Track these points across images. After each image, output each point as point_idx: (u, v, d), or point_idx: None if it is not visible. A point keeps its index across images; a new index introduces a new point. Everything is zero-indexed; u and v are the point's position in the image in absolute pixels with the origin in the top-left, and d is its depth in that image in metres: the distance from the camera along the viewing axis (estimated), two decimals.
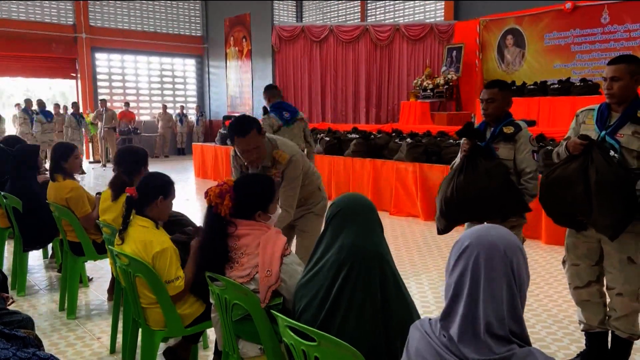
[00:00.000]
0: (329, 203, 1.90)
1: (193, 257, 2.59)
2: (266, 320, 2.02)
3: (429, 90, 10.59)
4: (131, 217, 2.63)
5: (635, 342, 3.26)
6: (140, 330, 2.77)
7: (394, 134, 8.07)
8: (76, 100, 14.23)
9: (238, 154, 3.00)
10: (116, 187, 3.39)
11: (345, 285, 1.66)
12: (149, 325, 2.62)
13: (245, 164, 3.01)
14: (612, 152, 2.58)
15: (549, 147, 5.70)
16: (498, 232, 1.20)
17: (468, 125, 3.06)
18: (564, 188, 2.64)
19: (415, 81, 11.13)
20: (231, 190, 2.20)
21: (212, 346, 3.24)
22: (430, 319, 1.29)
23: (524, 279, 1.18)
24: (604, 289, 2.85)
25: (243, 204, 2.20)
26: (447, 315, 1.21)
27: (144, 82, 16.72)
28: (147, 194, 2.62)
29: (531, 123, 3.21)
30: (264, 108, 5.27)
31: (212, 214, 2.20)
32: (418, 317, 1.67)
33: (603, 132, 2.64)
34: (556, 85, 8.67)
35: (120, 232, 2.64)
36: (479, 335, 1.13)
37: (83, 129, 12.83)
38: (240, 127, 2.82)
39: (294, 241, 3.47)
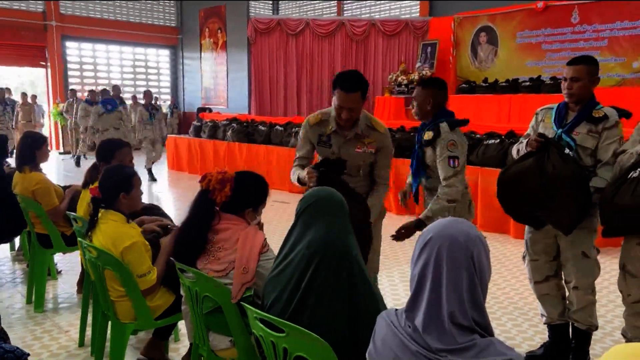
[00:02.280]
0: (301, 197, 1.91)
1: (164, 253, 2.59)
2: (236, 313, 2.03)
3: (403, 86, 10.67)
4: (99, 215, 2.60)
5: (597, 333, 3.38)
6: (109, 323, 2.75)
7: None
8: (45, 90, 13.85)
9: (335, 107, 2.68)
10: (86, 176, 3.36)
11: (314, 280, 1.68)
12: (118, 318, 2.60)
13: (328, 132, 2.76)
14: (567, 150, 2.65)
15: None
16: (459, 225, 1.24)
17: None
18: (520, 184, 2.70)
19: (390, 76, 11.19)
20: (232, 180, 2.20)
21: (183, 339, 3.24)
22: (396, 310, 1.33)
23: (485, 269, 1.22)
24: (562, 282, 2.95)
25: (240, 197, 2.20)
26: (411, 305, 1.24)
27: (116, 72, 16.42)
28: (108, 192, 2.59)
29: (462, 122, 2.96)
30: None
31: (206, 198, 2.18)
32: (385, 308, 1.69)
33: (560, 130, 2.72)
34: (527, 83, 8.83)
35: (88, 232, 2.60)
36: (442, 325, 1.17)
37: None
38: (349, 81, 2.61)
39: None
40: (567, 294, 2.93)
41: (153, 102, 9.99)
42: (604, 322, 3.57)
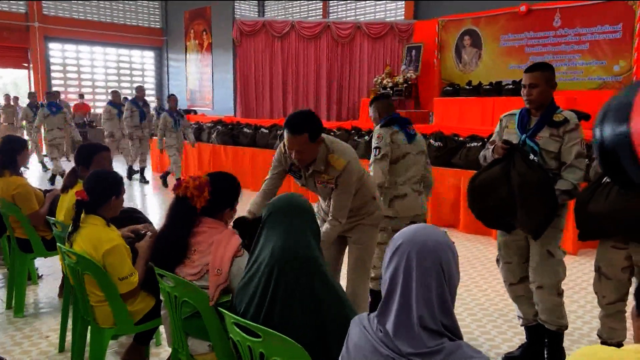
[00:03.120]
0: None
1: (143, 257, 2.58)
2: (215, 318, 2.03)
3: (388, 89, 10.73)
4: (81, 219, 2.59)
5: (575, 334, 3.43)
6: (89, 328, 2.74)
7: (353, 131, 8.15)
8: (33, 90, 13.67)
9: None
10: (65, 180, 3.33)
11: (277, 290, 1.69)
12: (97, 323, 2.59)
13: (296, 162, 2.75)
14: (532, 156, 2.71)
15: None
16: (429, 231, 1.27)
17: None
18: (489, 191, 2.75)
19: (375, 79, 11.25)
20: (209, 184, 2.19)
21: (165, 343, 3.23)
22: (368, 314, 1.35)
23: (454, 274, 1.24)
24: None
25: (217, 199, 2.21)
26: (383, 310, 1.26)
27: (101, 74, 16.30)
28: (99, 195, 2.58)
29: (391, 121, 3.53)
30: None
31: (185, 205, 2.16)
32: (353, 313, 1.70)
33: (524, 136, 2.78)
34: (510, 86, 8.93)
35: (70, 235, 2.58)
36: (412, 329, 1.19)
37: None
38: (294, 123, 2.55)
39: (346, 252, 3.12)
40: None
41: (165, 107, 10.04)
42: (582, 323, 3.63)
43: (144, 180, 9.70)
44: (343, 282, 2.91)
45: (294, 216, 1.78)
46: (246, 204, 2.91)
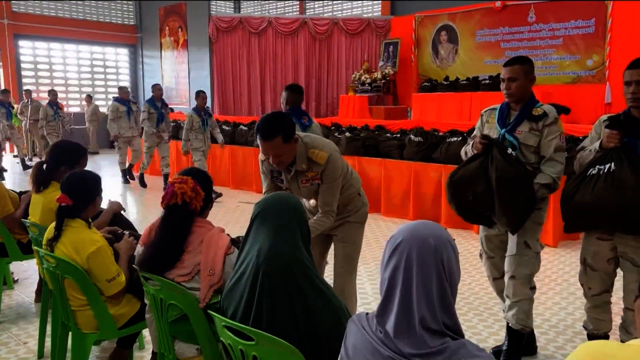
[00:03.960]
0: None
1: (125, 259, 2.52)
2: (203, 320, 1.98)
3: (367, 85, 10.73)
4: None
5: (559, 325, 3.47)
6: (70, 333, 2.66)
7: (333, 127, 8.12)
8: (6, 88, 13.25)
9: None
10: (39, 180, 3.21)
11: (263, 295, 1.64)
12: (79, 328, 2.52)
13: (275, 167, 2.67)
14: (510, 150, 2.70)
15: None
16: (429, 228, 1.24)
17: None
18: (467, 187, 2.74)
19: (353, 75, 11.24)
20: (197, 183, 2.11)
21: (148, 346, 3.16)
22: (367, 314, 1.31)
23: (455, 272, 1.22)
24: None
25: (205, 198, 2.16)
26: (382, 310, 1.23)
27: (74, 72, 15.94)
28: (84, 198, 2.50)
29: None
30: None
31: (182, 212, 2.06)
32: (345, 316, 1.66)
33: (503, 130, 2.78)
34: (487, 81, 9.01)
35: (51, 241, 2.49)
36: (414, 330, 1.16)
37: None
38: (265, 128, 2.47)
39: (331, 250, 3.06)
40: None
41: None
42: (565, 315, 3.67)
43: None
44: (329, 280, 2.88)
45: (283, 216, 1.73)
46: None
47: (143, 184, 8.90)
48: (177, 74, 15.52)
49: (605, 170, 2.44)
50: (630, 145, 2.45)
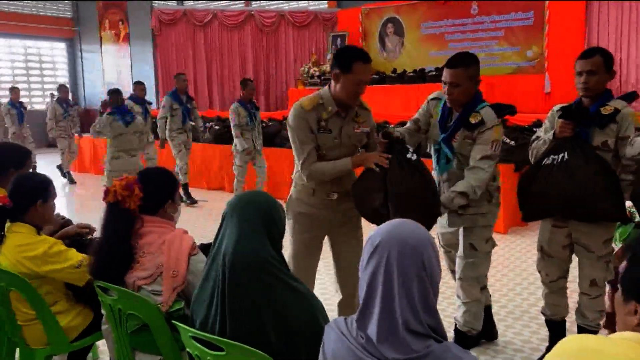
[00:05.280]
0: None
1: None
2: (165, 330, 1.89)
3: (316, 77, 10.69)
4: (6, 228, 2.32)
5: (516, 312, 3.56)
6: (17, 350, 2.49)
7: (284, 121, 8.03)
8: None
9: (354, 83, 2.47)
10: None
11: (230, 295, 1.57)
12: (27, 344, 2.36)
13: (325, 117, 2.52)
14: (410, 154, 2.43)
15: None
16: (408, 228, 1.21)
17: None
18: (365, 201, 2.50)
19: (302, 68, 11.17)
20: (138, 182, 2.04)
21: (103, 357, 3.02)
22: (345, 319, 1.27)
23: (436, 271, 1.19)
24: None
25: (153, 194, 2.06)
26: (363, 315, 1.19)
27: (6, 68, 15.06)
28: (22, 199, 2.33)
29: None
30: None
31: (117, 210, 1.99)
32: (323, 314, 1.61)
33: (442, 136, 2.64)
34: (433, 73, 9.16)
35: None
36: (397, 334, 1.12)
37: None
38: (366, 52, 2.53)
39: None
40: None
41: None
42: (521, 300, 3.77)
43: (191, 201, 7.22)
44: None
45: (249, 216, 1.65)
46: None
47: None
48: (120, 69, 14.96)
49: (559, 160, 2.50)
50: (582, 135, 2.52)
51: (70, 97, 12.30)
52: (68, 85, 10.55)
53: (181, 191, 6.68)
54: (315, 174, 2.54)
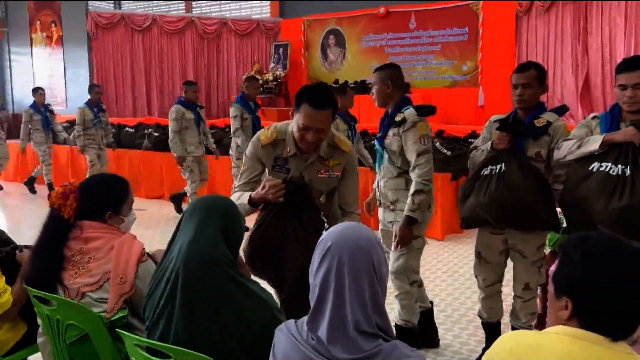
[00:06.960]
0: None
1: (22, 273, 2.26)
2: (107, 339, 1.83)
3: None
4: None
5: (454, 315, 3.69)
6: None
7: (227, 129, 7.96)
8: None
9: (298, 128, 2.18)
10: None
11: (186, 294, 1.54)
12: None
13: (285, 155, 2.29)
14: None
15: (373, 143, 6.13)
16: (358, 230, 1.24)
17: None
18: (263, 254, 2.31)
19: (244, 76, 11.11)
20: (76, 190, 2.02)
21: None
22: (296, 321, 1.29)
23: (384, 272, 1.24)
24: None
25: (90, 205, 2.02)
26: (314, 316, 1.21)
27: None
28: None
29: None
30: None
31: (52, 216, 2.01)
32: (282, 314, 1.62)
33: (378, 136, 2.93)
34: None
35: None
36: (347, 334, 1.15)
37: None
38: (320, 97, 2.15)
39: None
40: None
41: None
42: (459, 304, 3.91)
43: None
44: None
45: (203, 214, 1.63)
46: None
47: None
48: (52, 73, 14.30)
49: (497, 171, 2.61)
50: (518, 146, 2.65)
51: None
52: None
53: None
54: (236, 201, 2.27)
